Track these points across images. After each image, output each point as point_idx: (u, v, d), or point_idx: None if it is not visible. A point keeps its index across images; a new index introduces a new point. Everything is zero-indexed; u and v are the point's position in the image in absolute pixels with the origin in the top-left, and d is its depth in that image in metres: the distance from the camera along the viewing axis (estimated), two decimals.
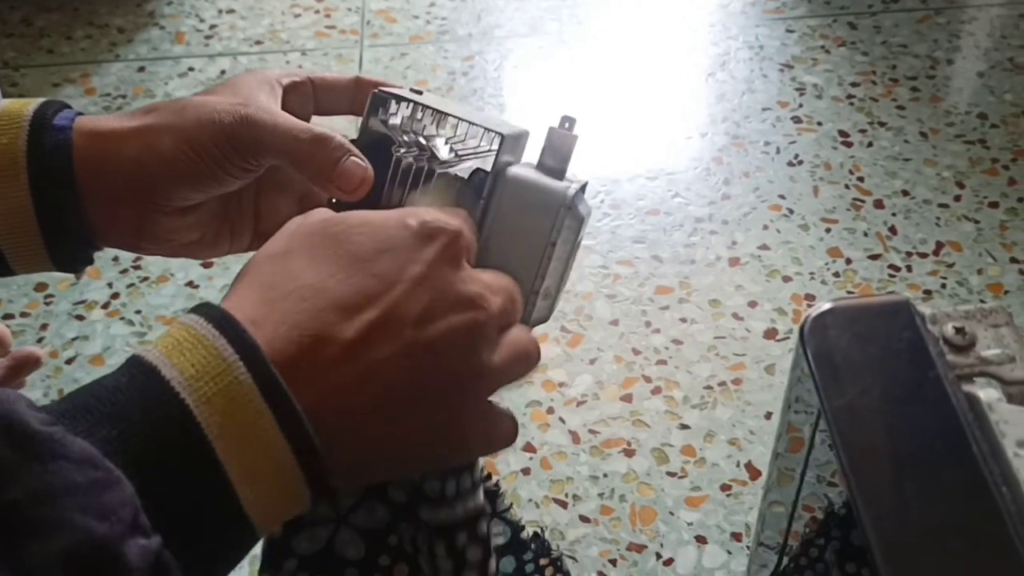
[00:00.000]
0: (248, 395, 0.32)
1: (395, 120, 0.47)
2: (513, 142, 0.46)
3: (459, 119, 0.46)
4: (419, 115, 0.47)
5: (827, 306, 0.53)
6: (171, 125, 0.47)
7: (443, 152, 0.46)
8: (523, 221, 0.45)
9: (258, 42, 1.64)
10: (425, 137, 0.47)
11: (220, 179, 0.47)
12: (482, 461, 0.44)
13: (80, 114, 0.49)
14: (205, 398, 0.32)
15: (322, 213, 0.39)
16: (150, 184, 0.47)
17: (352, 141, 0.47)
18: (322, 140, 0.46)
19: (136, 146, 0.47)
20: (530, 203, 0.45)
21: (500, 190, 0.45)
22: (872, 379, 0.50)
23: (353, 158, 0.46)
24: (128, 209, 0.48)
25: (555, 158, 0.45)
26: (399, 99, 0.47)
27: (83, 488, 0.29)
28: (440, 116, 0.46)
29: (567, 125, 0.45)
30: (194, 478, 0.31)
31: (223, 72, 1.59)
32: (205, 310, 0.34)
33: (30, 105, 0.48)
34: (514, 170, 0.45)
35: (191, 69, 1.60)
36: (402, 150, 0.47)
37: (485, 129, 0.45)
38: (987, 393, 0.49)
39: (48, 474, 0.29)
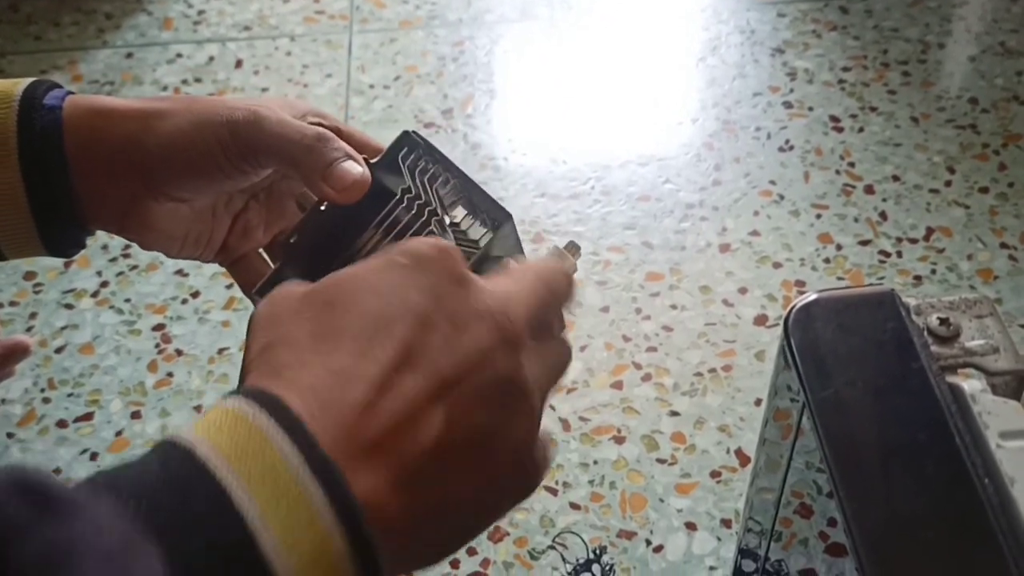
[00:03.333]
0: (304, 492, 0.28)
1: (414, 164, 0.46)
2: (511, 230, 0.45)
3: (473, 185, 0.45)
4: (438, 169, 0.46)
5: (812, 297, 0.53)
6: (177, 110, 0.46)
7: (446, 210, 0.45)
8: None
9: (247, 28, 1.64)
10: (435, 192, 0.45)
11: (215, 174, 0.46)
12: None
13: (71, 93, 0.48)
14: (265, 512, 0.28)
15: (299, 286, 0.35)
16: (144, 166, 0.46)
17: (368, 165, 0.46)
18: (321, 138, 0.45)
19: (135, 125, 0.46)
20: None
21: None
22: (856, 370, 0.50)
23: (351, 161, 0.44)
24: (118, 189, 0.47)
25: None
26: (428, 148, 0.46)
27: (102, 553, 0.25)
28: (458, 178, 0.46)
29: (571, 249, 0.45)
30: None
31: (211, 58, 1.58)
32: (279, 414, 0.29)
33: (19, 85, 0.47)
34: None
35: (179, 55, 1.59)
36: (410, 193, 0.45)
37: (495, 202, 0.45)
38: (971, 384, 0.49)
39: (64, 531, 0.25)
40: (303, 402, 0.30)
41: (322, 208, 0.45)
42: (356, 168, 0.44)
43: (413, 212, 0.44)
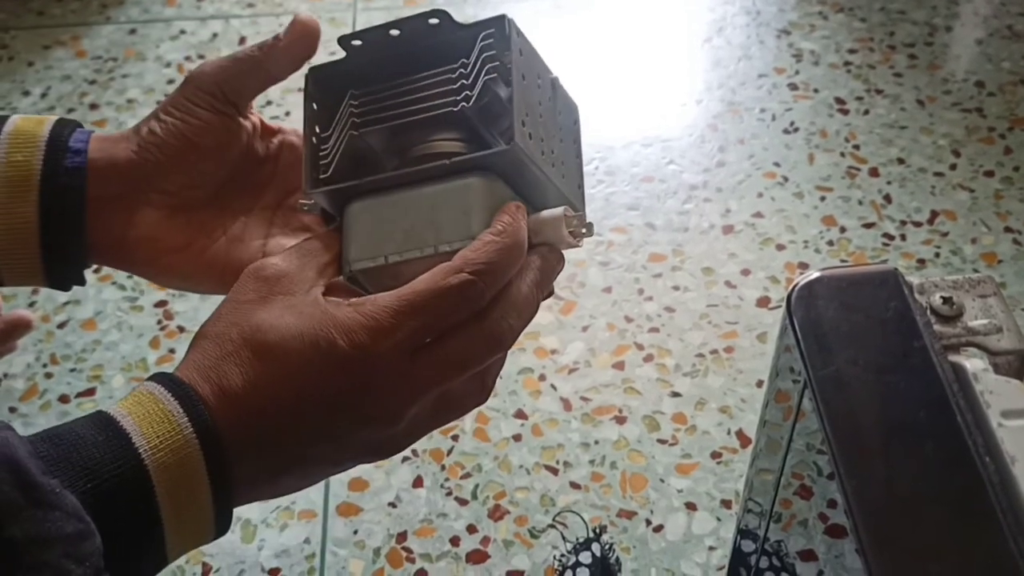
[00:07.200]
0: (196, 469, 0.38)
1: (487, 47, 0.45)
2: (520, 156, 0.43)
3: (524, 96, 0.44)
4: (501, 65, 0.45)
5: (814, 275, 0.53)
6: (154, 111, 0.50)
7: (479, 101, 0.44)
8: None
9: (250, 4, 1.63)
10: (483, 79, 0.44)
11: (195, 135, 0.48)
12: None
13: (92, 132, 0.50)
14: (162, 466, 0.38)
15: (247, 314, 0.42)
16: (141, 170, 0.48)
17: (454, 22, 0.46)
18: (262, 41, 0.49)
19: (134, 139, 0.49)
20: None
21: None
22: (858, 349, 0.49)
23: (291, 25, 0.49)
24: (118, 204, 0.49)
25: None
26: (506, 41, 0.45)
27: (71, 538, 0.34)
28: (512, 83, 0.44)
29: (577, 224, 0.45)
30: (140, 527, 0.38)
31: (215, 35, 1.57)
32: (173, 385, 0.39)
33: (45, 124, 0.49)
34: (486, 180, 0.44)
35: (183, 32, 1.58)
36: (464, 69, 0.45)
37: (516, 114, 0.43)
38: (973, 363, 0.49)
39: (47, 522, 0.34)
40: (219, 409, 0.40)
41: (390, 32, 0.46)
42: (304, 14, 0.49)
43: (454, 86, 0.45)
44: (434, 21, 0.46)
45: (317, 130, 0.48)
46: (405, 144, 0.46)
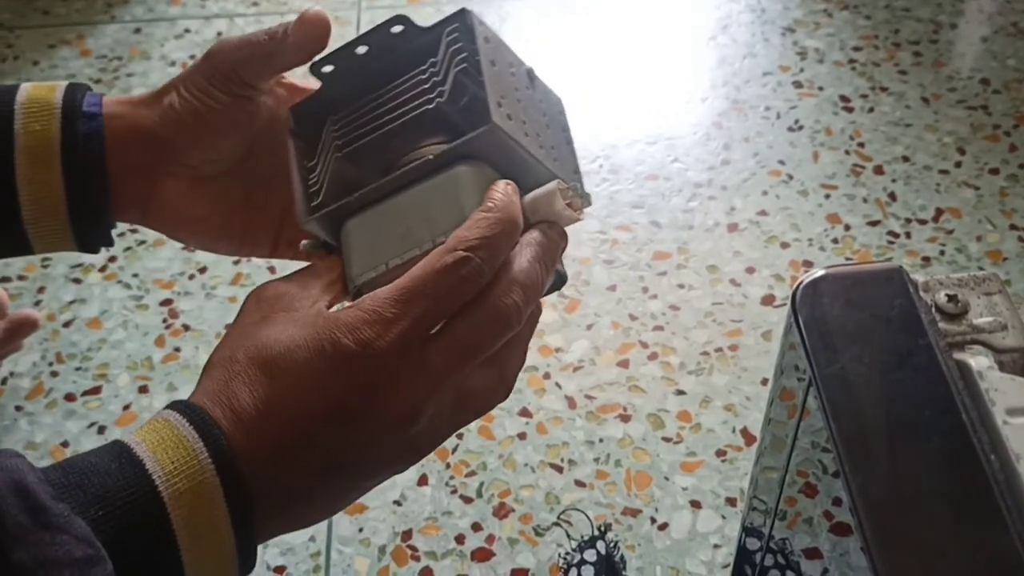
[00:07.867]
0: (213, 495, 0.37)
1: (453, 41, 0.45)
2: (498, 135, 0.42)
3: (491, 82, 0.43)
4: (469, 56, 0.44)
5: (819, 273, 0.53)
6: (175, 80, 0.50)
7: (453, 96, 0.44)
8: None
9: (255, 3, 1.63)
10: (454, 75, 0.44)
11: (211, 116, 0.49)
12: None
13: (103, 95, 0.50)
14: (177, 493, 0.37)
15: (253, 335, 0.41)
16: (162, 142, 0.49)
17: (417, 28, 0.46)
18: (273, 28, 0.49)
19: (156, 109, 0.49)
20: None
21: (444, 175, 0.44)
22: (863, 346, 0.49)
23: (297, 21, 0.48)
24: (141, 171, 0.49)
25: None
26: (470, 34, 0.45)
27: (79, 562, 0.34)
28: (481, 72, 0.43)
29: (573, 195, 0.44)
30: (157, 559, 0.37)
31: (219, 34, 1.57)
32: (187, 411, 0.39)
33: (57, 90, 0.49)
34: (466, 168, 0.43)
35: (187, 31, 1.58)
36: (434, 68, 0.45)
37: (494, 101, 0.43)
38: (978, 361, 0.49)
39: (55, 546, 0.34)
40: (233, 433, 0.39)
41: (358, 51, 0.46)
42: (309, 15, 0.48)
43: (427, 86, 0.45)
44: (397, 29, 0.45)
45: (307, 163, 0.48)
46: (393, 158, 0.46)
